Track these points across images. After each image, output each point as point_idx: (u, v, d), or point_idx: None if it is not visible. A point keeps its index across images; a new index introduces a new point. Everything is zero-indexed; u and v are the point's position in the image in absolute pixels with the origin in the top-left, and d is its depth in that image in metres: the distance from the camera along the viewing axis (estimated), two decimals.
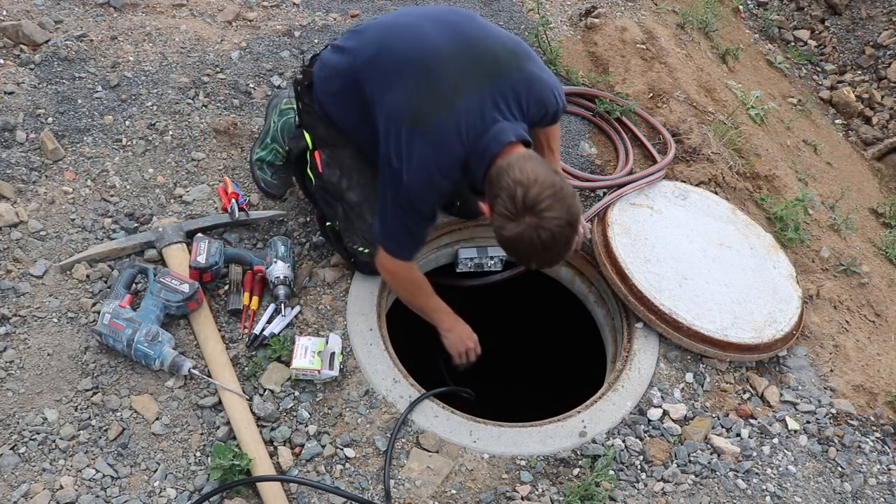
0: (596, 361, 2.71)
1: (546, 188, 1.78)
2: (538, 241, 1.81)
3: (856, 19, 4.67)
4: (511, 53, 2.01)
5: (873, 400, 2.45)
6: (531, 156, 1.90)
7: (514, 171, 1.81)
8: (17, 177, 2.45)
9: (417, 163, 1.93)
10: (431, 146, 1.92)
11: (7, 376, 2.05)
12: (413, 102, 1.93)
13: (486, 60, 1.96)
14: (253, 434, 2.01)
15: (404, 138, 1.92)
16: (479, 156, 1.93)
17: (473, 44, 1.99)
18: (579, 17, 3.60)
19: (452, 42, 1.98)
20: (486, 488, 2.04)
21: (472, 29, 2.04)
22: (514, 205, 1.79)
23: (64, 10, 3.01)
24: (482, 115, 1.92)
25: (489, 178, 1.90)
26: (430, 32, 2.01)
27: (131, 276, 2.21)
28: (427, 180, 1.95)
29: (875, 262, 3.11)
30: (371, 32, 2.13)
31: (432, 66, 1.94)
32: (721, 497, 2.11)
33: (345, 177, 2.28)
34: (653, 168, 2.82)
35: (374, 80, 2.02)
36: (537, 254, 1.86)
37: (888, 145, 4.05)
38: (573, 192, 1.85)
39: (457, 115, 1.91)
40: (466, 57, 1.95)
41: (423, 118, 1.91)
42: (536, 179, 1.79)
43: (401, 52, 2.00)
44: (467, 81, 1.92)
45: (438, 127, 1.91)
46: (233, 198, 2.45)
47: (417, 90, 1.93)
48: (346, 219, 2.31)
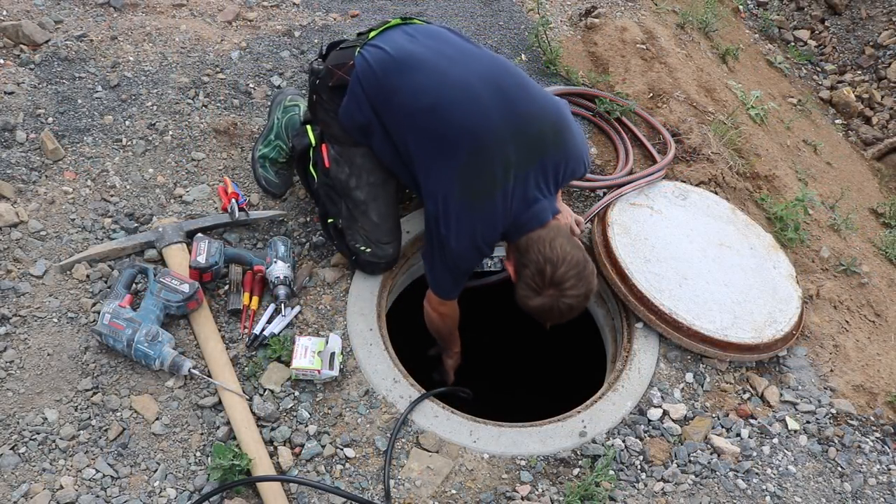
0: (596, 361, 2.71)
1: (572, 267, 2.00)
2: (556, 311, 2.05)
3: (856, 19, 4.67)
4: (554, 130, 2.13)
5: (873, 400, 2.45)
6: (560, 231, 2.10)
7: (545, 248, 2.01)
8: (17, 177, 2.45)
9: (466, 234, 2.09)
10: (480, 221, 2.08)
11: (7, 376, 2.05)
12: (466, 179, 2.04)
13: (534, 140, 2.08)
14: (253, 434, 2.01)
15: (453, 210, 2.06)
16: (517, 228, 2.11)
17: (524, 121, 2.08)
18: (579, 17, 3.60)
19: (506, 119, 2.05)
20: (486, 488, 2.04)
21: (521, 99, 2.10)
22: (543, 279, 2.01)
23: (64, 10, 3.01)
24: (526, 195, 2.09)
25: (518, 247, 2.10)
26: (483, 103, 2.05)
27: (131, 276, 2.21)
28: (473, 248, 2.13)
29: (875, 262, 3.11)
30: (420, 75, 2.09)
31: (486, 145, 2.03)
32: (721, 497, 2.11)
33: (354, 175, 2.28)
34: (653, 168, 2.82)
35: (420, 136, 2.09)
36: (554, 319, 2.09)
37: (888, 145, 4.05)
38: (593, 268, 2.09)
39: (505, 195, 2.05)
40: (518, 137, 2.05)
41: (475, 196, 2.05)
42: (565, 258, 2.00)
43: (454, 121, 2.05)
44: (517, 162, 2.05)
45: (488, 206, 2.05)
46: (233, 198, 2.45)
47: (470, 168, 2.03)
48: (349, 217, 2.31)
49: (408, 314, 2.83)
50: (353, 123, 2.21)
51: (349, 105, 2.19)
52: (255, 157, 2.60)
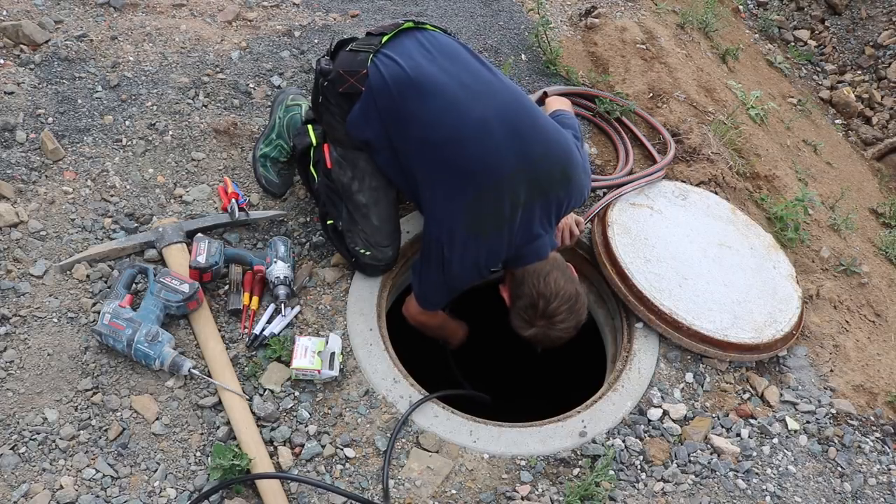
0: (596, 361, 2.71)
1: (564, 301, 2.09)
2: (546, 340, 2.15)
3: (856, 19, 4.67)
4: (563, 170, 2.16)
5: (873, 400, 2.45)
6: (556, 265, 2.17)
7: (539, 282, 2.10)
8: (17, 177, 2.45)
9: (470, 260, 2.15)
10: (486, 250, 2.14)
11: (7, 376, 2.05)
12: (475, 213, 2.09)
13: (542, 179, 2.12)
14: (253, 434, 2.01)
15: (460, 239, 2.11)
16: (516, 259, 2.19)
17: (536, 163, 2.11)
18: (579, 17, 3.60)
19: (519, 160, 2.07)
20: (486, 488, 2.04)
21: (535, 140, 2.12)
22: (534, 312, 2.10)
23: (64, 10, 3.01)
24: (530, 230, 2.15)
25: (514, 275, 2.19)
26: (501, 142, 2.06)
27: (131, 276, 2.21)
28: (475, 272, 2.20)
29: (875, 262, 3.11)
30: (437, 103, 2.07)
31: (497, 183, 2.06)
32: (721, 497, 2.11)
33: (356, 178, 2.28)
34: (652, 168, 2.82)
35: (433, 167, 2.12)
36: (545, 346, 2.19)
37: (888, 145, 4.05)
38: (584, 301, 2.18)
39: (511, 229, 2.12)
40: (529, 177, 2.09)
41: (482, 229, 2.10)
42: (557, 293, 2.08)
43: (470, 157, 2.07)
44: (525, 200, 2.10)
45: (495, 238, 2.12)
46: (233, 198, 2.45)
47: (480, 204, 2.08)
48: (350, 219, 2.31)
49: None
50: (361, 135, 2.21)
51: (359, 118, 2.18)
52: (255, 157, 2.60)
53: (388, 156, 2.23)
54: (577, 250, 2.70)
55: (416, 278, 2.31)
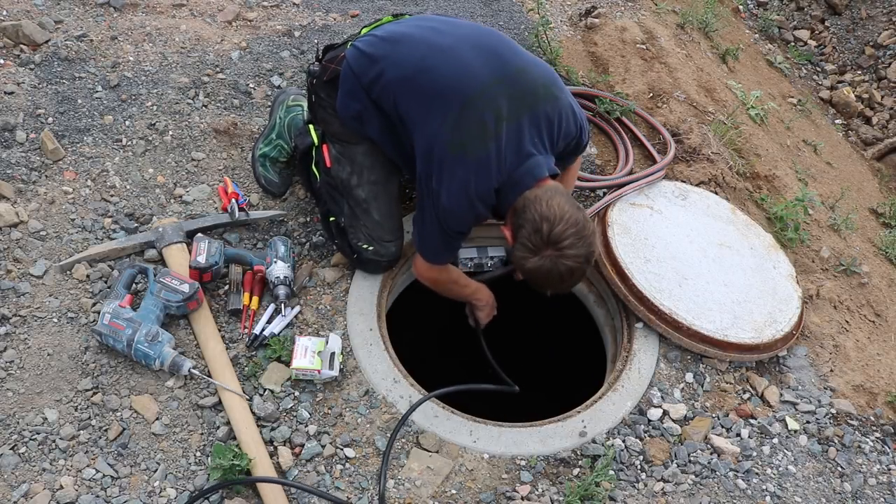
0: (596, 361, 2.71)
1: (570, 226, 1.90)
2: (556, 274, 1.94)
3: (856, 19, 4.67)
4: (545, 84, 2.06)
5: (873, 400, 2.45)
6: (558, 190, 1.99)
7: (541, 206, 1.91)
8: (17, 177, 2.45)
9: (457, 188, 1.99)
10: (473, 174, 1.98)
11: (7, 376, 2.05)
12: (456, 131, 1.97)
13: (525, 93, 2.01)
14: (253, 434, 2.01)
15: (446, 163, 1.98)
16: (511, 186, 2.01)
17: (513, 74, 2.02)
18: (579, 17, 3.60)
19: (493, 72, 2.00)
20: (486, 488, 2.04)
21: (511, 57, 2.06)
22: (540, 238, 1.91)
23: (64, 10, 3.01)
24: (519, 148, 2.00)
25: (515, 208, 2.00)
26: (471, 60, 2.02)
27: (131, 276, 2.21)
28: (466, 205, 2.02)
29: (875, 262, 3.11)
30: (407, 46, 2.10)
31: (475, 96, 1.98)
32: (721, 497, 2.11)
33: (355, 173, 2.29)
34: (652, 168, 2.82)
35: (411, 99, 2.05)
36: (554, 284, 1.99)
37: (888, 145, 4.05)
38: (594, 230, 1.99)
39: (498, 147, 1.97)
40: (507, 88, 1.99)
41: (466, 147, 1.96)
42: (562, 217, 1.90)
43: (443, 78, 2.01)
44: (508, 114, 1.98)
45: (481, 157, 1.97)
46: (233, 198, 2.45)
47: (461, 120, 1.97)
48: (352, 215, 2.32)
49: (408, 314, 2.83)
50: (350, 113, 2.21)
51: (342, 95, 2.20)
52: (255, 157, 2.61)
53: (378, 124, 2.19)
54: None
55: (416, 228, 2.19)
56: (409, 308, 2.76)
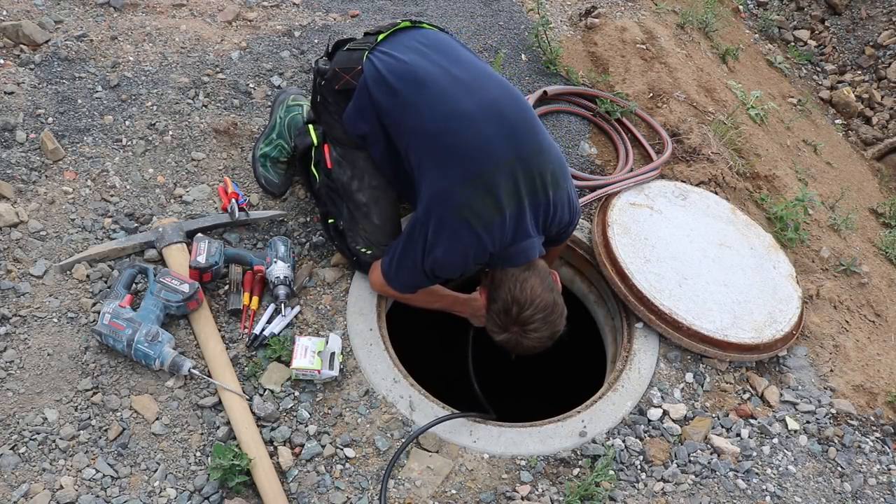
0: (596, 361, 2.71)
1: (539, 311, 2.01)
2: (519, 347, 2.08)
3: (856, 19, 4.67)
4: (554, 173, 2.11)
5: (873, 400, 2.45)
6: (537, 271, 2.07)
7: (515, 286, 2.02)
8: (17, 177, 2.44)
9: (458, 248, 2.06)
10: (475, 241, 2.04)
11: (7, 376, 2.05)
12: (467, 199, 2.01)
13: (535, 176, 2.06)
14: (253, 434, 2.01)
15: (449, 224, 2.03)
16: (503, 258, 2.10)
17: (529, 155, 2.06)
18: (579, 17, 3.60)
19: (512, 150, 2.04)
20: (486, 488, 2.04)
21: (530, 137, 2.09)
22: (507, 317, 2.03)
23: (64, 10, 3.01)
24: (519, 226, 2.07)
25: (493, 277, 2.11)
26: (493, 134, 2.04)
27: (131, 276, 2.21)
28: (460, 262, 2.10)
29: (875, 262, 3.11)
30: (430, 96, 2.07)
31: (493, 170, 2.02)
32: (721, 497, 2.11)
33: (356, 178, 2.28)
34: (645, 168, 2.83)
35: (426, 152, 2.08)
36: (518, 352, 2.11)
37: (888, 145, 4.06)
38: (562, 311, 2.08)
39: (503, 221, 2.03)
40: (522, 169, 2.04)
41: (475, 215, 2.02)
42: (533, 301, 2.00)
43: (463, 145, 2.03)
44: (517, 193, 2.04)
45: (487, 227, 2.03)
46: (233, 198, 2.45)
47: (475, 189, 2.01)
48: (351, 219, 2.31)
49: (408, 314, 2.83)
50: (357, 131, 2.20)
51: (354, 113, 2.18)
52: (255, 156, 2.60)
53: (383, 148, 2.20)
54: (577, 250, 2.70)
55: (391, 254, 2.21)
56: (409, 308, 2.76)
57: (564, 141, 3.00)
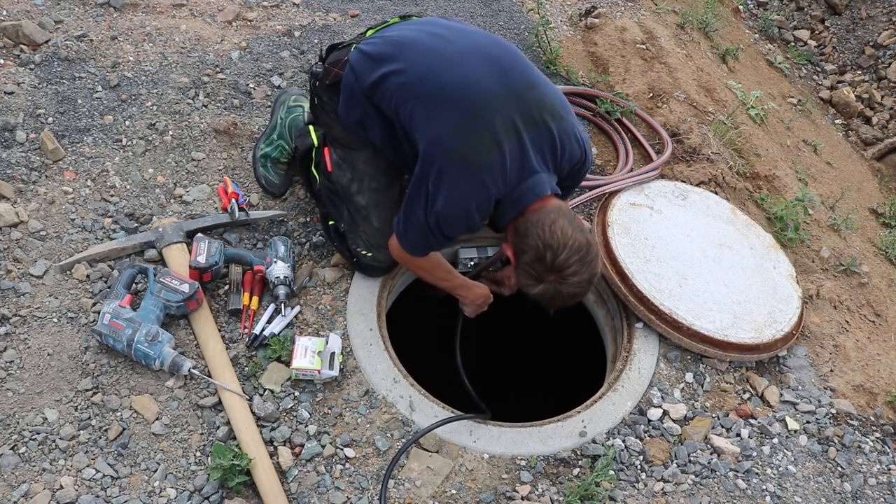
0: (596, 361, 2.71)
1: (574, 253, 1.87)
2: (559, 297, 1.93)
3: (856, 19, 4.67)
4: (553, 105, 2.03)
5: (873, 400, 2.45)
6: (562, 212, 1.95)
7: (544, 232, 1.88)
8: (17, 177, 2.44)
9: (458, 196, 1.95)
10: (475, 183, 1.94)
11: (7, 376, 2.05)
12: (460, 139, 1.92)
13: (532, 109, 1.98)
14: (253, 434, 2.01)
15: (447, 172, 1.94)
16: (512, 202, 1.99)
17: (522, 89, 1.99)
18: (579, 17, 3.60)
19: (502, 85, 1.97)
20: (486, 488, 2.04)
21: (521, 72, 2.03)
22: (542, 266, 1.89)
23: (64, 10, 3.01)
24: (523, 163, 1.96)
25: (517, 229, 1.97)
26: (480, 71, 1.98)
27: (131, 276, 2.21)
28: (462, 213, 1.98)
29: (875, 262, 3.11)
30: (413, 52, 2.05)
31: (482, 107, 1.94)
32: (721, 497, 2.11)
33: (356, 180, 2.28)
34: (645, 168, 2.83)
35: (414, 104, 2.00)
36: (557, 305, 1.97)
37: (888, 145, 4.06)
38: (597, 252, 1.96)
39: (502, 159, 1.93)
40: (515, 103, 1.96)
41: (469, 157, 1.92)
42: (566, 244, 1.87)
43: (449, 86, 1.97)
44: (514, 128, 1.94)
45: (484, 168, 1.92)
46: (233, 198, 2.45)
47: (466, 128, 1.93)
48: (351, 221, 2.31)
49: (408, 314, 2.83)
50: (352, 119, 2.19)
51: (344, 102, 2.19)
52: (256, 157, 2.60)
53: (380, 129, 2.15)
54: None
55: (401, 213, 2.11)
56: (409, 308, 2.76)
57: None
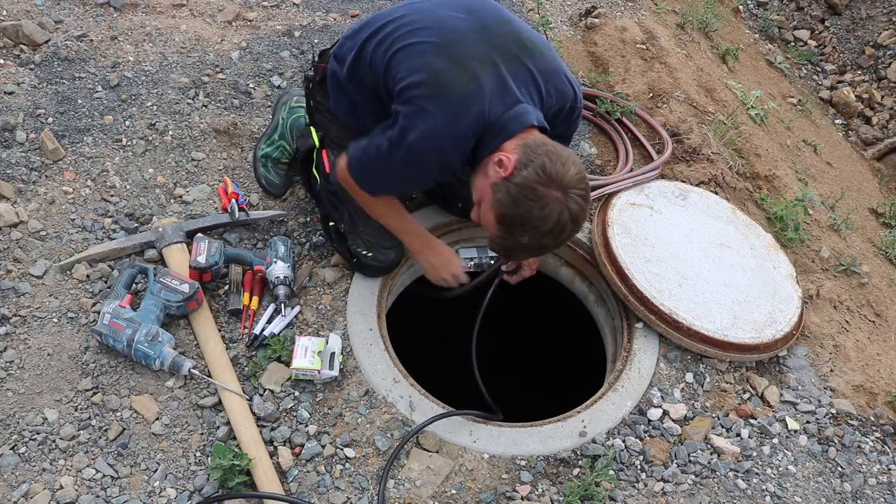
0: (596, 361, 2.71)
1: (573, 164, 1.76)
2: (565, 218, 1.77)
3: (856, 19, 4.67)
4: (532, 40, 1.95)
5: (873, 400, 2.45)
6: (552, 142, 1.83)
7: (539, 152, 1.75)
8: (17, 177, 2.45)
9: (429, 128, 1.81)
10: (451, 115, 1.80)
11: (7, 376, 2.05)
12: (434, 68, 1.82)
13: (509, 42, 1.90)
14: (253, 434, 2.01)
15: (421, 101, 1.81)
16: (495, 133, 1.84)
17: (494, 24, 1.91)
18: (579, 17, 3.60)
19: (474, 22, 1.90)
20: (486, 488, 2.04)
21: (494, 12, 1.97)
22: (548, 178, 1.73)
23: (64, 10, 3.01)
24: (506, 93, 1.84)
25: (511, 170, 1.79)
26: (449, 13, 1.92)
27: (131, 276, 2.21)
28: (433, 147, 1.84)
29: (875, 262, 3.11)
30: (387, 16, 2.01)
31: (454, 39, 1.85)
32: (721, 497, 2.11)
33: None
34: (645, 168, 2.83)
35: (393, 54, 1.89)
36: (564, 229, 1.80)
37: (888, 145, 4.06)
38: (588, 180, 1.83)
39: (480, 88, 1.81)
40: (489, 36, 1.88)
41: (444, 86, 1.80)
42: (568, 156, 1.76)
43: (423, 28, 1.89)
44: (491, 58, 1.85)
45: (461, 97, 1.80)
46: (233, 197, 2.45)
47: (439, 57, 1.83)
48: (351, 222, 2.31)
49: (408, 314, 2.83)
50: (342, 107, 2.17)
51: (331, 91, 2.18)
52: (256, 156, 2.61)
53: (370, 109, 2.06)
54: (577, 250, 2.70)
55: (359, 145, 1.98)
56: (409, 308, 2.76)
57: None
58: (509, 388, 3.41)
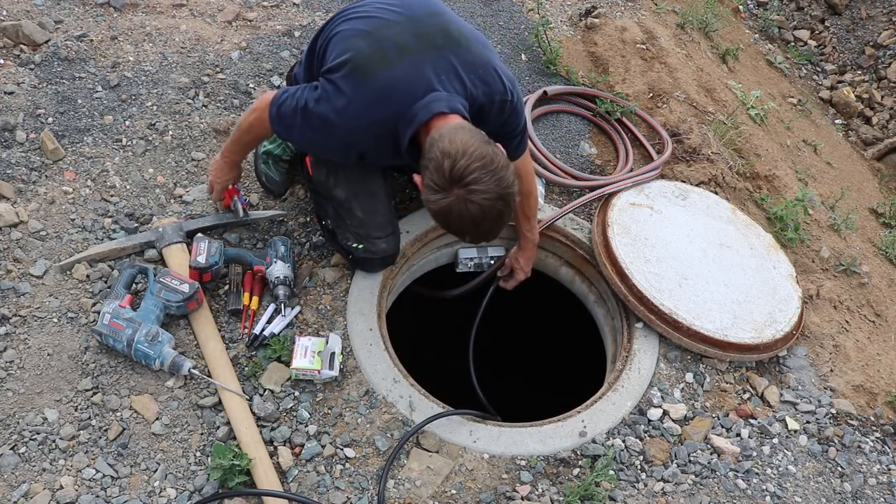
0: (596, 361, 2.71)
1: (475, 160, 1.74)
2: (467, 215, 1.78)
3: (856, 19, 4.67)
4: (461, 33, 2.01)
5: (873, 400, 2.45)
6: (465, 126, 1.84)
7: (443, 142, 1.77)
8: (17, 177, 2.44)
9: (341, 107, 1.92)
10: (363, 100, 1.91)
11: (7, 376, 2.05)
12: (356, 51, 1.94)
13: (433, 33, 1.97)
14: (253, 434, 2.01)
15: (339, 80, 1.92)
16: (406, 122, 1.91)
17: (423, 16, 2.01)
18: (579, 17, 3.60)
19: (405, 14, 2.01)
20: (486, 488, 2.04)
21: (424, 5, 2.06)
22: (442, 176, 1.76)
23: (64, 10, 3.01)
24: (419, 82, 1.90)
25: (423, 148, 1.85)
26: (384, 6, 2.05)
27: (131, 276, 2.21)
28: (342, 125, 1.94)
29: (875, 262, 3.11)
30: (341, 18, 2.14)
31: (380, 27, 1.97)
32: (721, 497, 2.11)
33: (331, 174, 2.27)
34: (645, 168, 2.83)
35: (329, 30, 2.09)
36: (468, 228, 1.84)
37: (888, 145, 4.05)
38: (506, 164, 1.80)
39: (394, 75, 1.90)
40: (415, 27, 1.97)
41: (363, 70, 1.90)
42: (465, 151, 1.74)
43: (356, 13, 2.06)
44: (412, 48, 1.93)
45: (374, 82, 1.90)
46: (233, 195, 2.45)
47: (362, 41, 1.96)
48: (336, 216, 2.31)
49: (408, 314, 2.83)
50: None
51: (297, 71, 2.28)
52: (258, 153, 2.60)
53: None
54: (577, 250, 2.70)
55: (293, 89, 2.05)
56: (409, 308, 2.77)
57: (564, 141, 3.00)
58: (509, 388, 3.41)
